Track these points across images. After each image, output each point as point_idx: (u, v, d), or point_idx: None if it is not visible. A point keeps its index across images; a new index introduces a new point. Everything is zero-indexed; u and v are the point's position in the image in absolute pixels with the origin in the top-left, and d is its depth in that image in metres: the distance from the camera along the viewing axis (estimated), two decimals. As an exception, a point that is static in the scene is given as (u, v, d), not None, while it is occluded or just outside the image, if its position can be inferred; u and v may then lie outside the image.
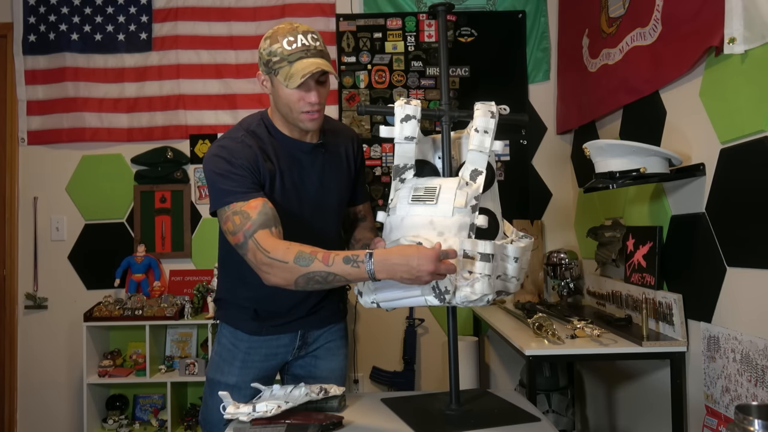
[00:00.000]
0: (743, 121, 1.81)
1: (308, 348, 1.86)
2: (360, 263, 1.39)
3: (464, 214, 1.45)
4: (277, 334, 1.79)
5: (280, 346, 1.81)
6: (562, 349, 2.18)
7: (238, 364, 1.78)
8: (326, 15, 3.51)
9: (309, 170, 1.72)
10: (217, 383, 1.77)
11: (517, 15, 3.50)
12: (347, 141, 1.83)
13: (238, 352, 1.79)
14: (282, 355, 1.83)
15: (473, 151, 1.54)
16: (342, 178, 1.81)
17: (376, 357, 3.39)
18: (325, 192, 1.75)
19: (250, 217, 1.52)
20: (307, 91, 1.58)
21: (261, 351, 1.79)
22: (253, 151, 1.62)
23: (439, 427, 1.52)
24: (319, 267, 1.42)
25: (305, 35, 1.57)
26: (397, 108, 1.56)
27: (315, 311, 1.83)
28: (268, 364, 1.81)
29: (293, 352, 1.84)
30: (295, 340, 1.82)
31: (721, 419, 1.94)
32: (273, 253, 1.46)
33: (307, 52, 1.56)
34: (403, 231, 1.47)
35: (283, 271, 1.46)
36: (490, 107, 1.59)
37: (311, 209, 1.73)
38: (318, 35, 1.60)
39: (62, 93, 3.47)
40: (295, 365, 1.89)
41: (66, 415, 3.45)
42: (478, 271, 1.42)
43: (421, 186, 1.50)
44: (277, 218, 1.55)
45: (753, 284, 1.79)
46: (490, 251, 1.43)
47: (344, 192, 1.83)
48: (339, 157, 1.80)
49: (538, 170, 3.50)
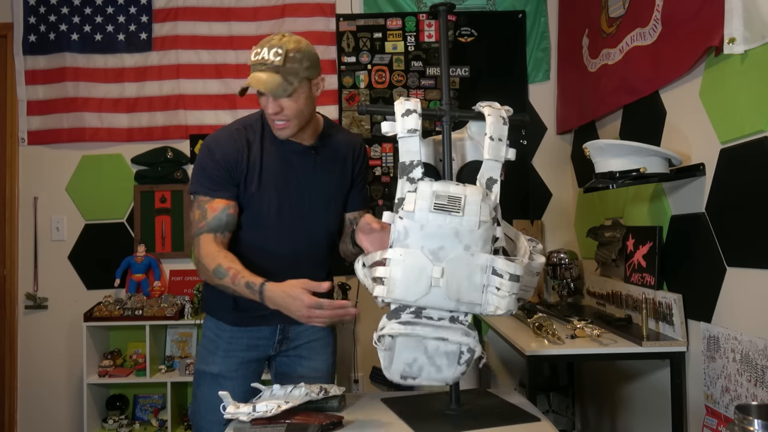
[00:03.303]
0: (743, 121, 1.81)
1: (290, 343, 1.87)
2: (255, 292, 1.60)
3: (487, 227, 1.45)
4: (258, 326, 1.82)
5: (260, 338, 1.84)
6: (562, 349, 2.18)
7: (221, 354, 1.82)
8: (326, 15, 3.51)
9: (296, 171, 1.77)
10: (202, 373, 1.83)
11: (517, 15, 3.50)
12: (349, 147, 1.86)
13: (221, 342, 1.83)
14: (263, 347, 1.85)
15: (489, 160, 1.54)
16: (333, 184, 1.83)
17: (376, 357, 3.37)
18: (311, 194, 1.78)
19: (206, 217, 1.71)
20: (265, 102, 1.66)
21: (242, 341, 1.83)
22: (237, 145, 1.72)
23: (439, 427, 1.52)
24: (228, 282, 1.64)
25: (271, 49, 1.61)
26: (396, 105, 1.55)
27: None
28: (250, 354, 1.84)
29: (275, 345, 1.86)
30: (275, 333, 1.84)
31: (721, 419, 1.94)
32: (204, 258, 1.68)
33: (262, 66, 1.61)
34: (425, 239, 1.43)
35: (206, 275, 1.70)
36: (500, 112, 1.57)
37: (293, 209, 1.77)
38: (285, 51, 1.61)
39: (62, 93, 3.47)
40: (280, 363, 1.90)
41: (66, 415, 3.45)
42: (506, 289, 1.44)
43: (443, 194, 1.44)
44: (230, 224, 1.72)
45: (753, 284, 1.79)
46: (519, 273, 1.45)
47: (335, 198, 1.84)
48: (335, 162, 1.82)
49: (538, 170, 3.50)
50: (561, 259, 3.06)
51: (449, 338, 1.45)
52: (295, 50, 1.63)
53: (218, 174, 1.72)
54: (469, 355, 1.48)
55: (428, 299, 1.44)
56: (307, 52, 1.66)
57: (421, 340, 1.46)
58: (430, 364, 1.48)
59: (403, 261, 1.42)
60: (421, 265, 1.42)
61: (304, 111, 1.69)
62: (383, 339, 1.47)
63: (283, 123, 1.68)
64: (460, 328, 1.48)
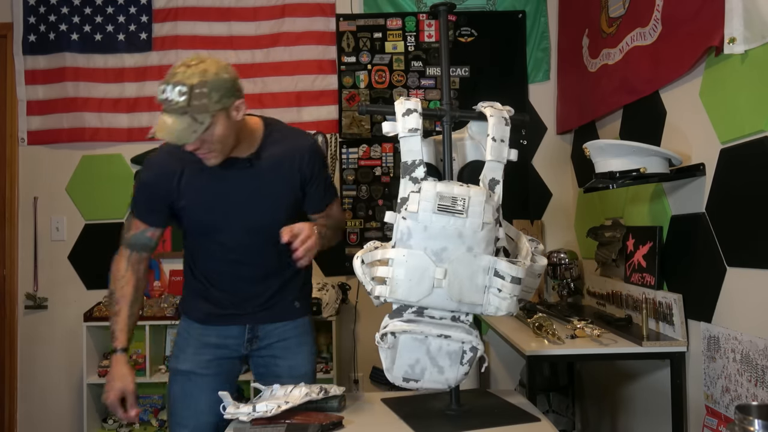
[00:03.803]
0: (743, 121, 1.81)
1: (260, 342, 1.87)
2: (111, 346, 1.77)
3: (490, 229, 1.46)
4: (226, 324, 1.84)
5: (229, 336, 1.84)
6: (562, 349, 2.18)
7: (191, 351, 1.84)
8: (326, 15, 3.51)
9: (233, 184, 1.72)
10: (174, 371, 1.86)
11: (517, 15, 3.50)
12: (294, 153, 1.77)
13: (192, 339, 1.85)
14: (234, 346, 1.85)
15: (492, 161, 1.54)
16: (279, 195, 1.77)
17: (376, 357, 3.37)
18: (256, 207, 1.74)
19: (129, 231, 1.81)
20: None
21: (211, 339, 1.84)
22: (168, 169, 1.73)
23: (439, 427, 1.52)
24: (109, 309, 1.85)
25: (175, 87, 1.52)
26: (397, 105, 1.55)
27: (266, 308, 1.84)
28: (220, 352, 1.84)
29: (245, 344, 1.86)
30: (243, 332, 1.85)
31: (721, 419, 1.94)
32: (112, 272, 1.80)
33: (168, 107, 1.53)
34: (428, 240, 1.43)
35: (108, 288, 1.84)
36: (502, 113, 1.57)
37: (241, 224, 1.75)
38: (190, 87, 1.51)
39: (62, 93, 3.47)
40: (256, 363, 1.91)
41: (66, 415, 3.45)
42: (507, 291, 1.44)
43: (447, 195, 1.44)
44: (146, 246, 1.82)
45: (753, 284, 1.79)
46: (521, 275, 1.45)
47: (283, 207, 1.78)
48: (277, 170, 1.75)
49: (538, 170, 3.50)
50: (561, 259, 3.06)
51: (452, 335, 1.46)
52: (201, 84, 1.52)
53: (143, 199, 1.79)
54: (472, 354, 1.48)
55: (430, 300, 1.44)
56: (216, 82, 1.55)
57: (424, 340, 1.46)
58: (433, 365, 1.48)
59: (406, 262, 1.43)
60: (424, 266, 1.42)
61: (227, 138, 1.61)
62: (386, 337, 1.47)
63: (208, 154, 1.62)
64: (461, 327, 1.48)
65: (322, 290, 3.13)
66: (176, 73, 1.54)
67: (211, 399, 1.70)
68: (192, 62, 1.57)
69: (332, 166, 3.48)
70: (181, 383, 1.83)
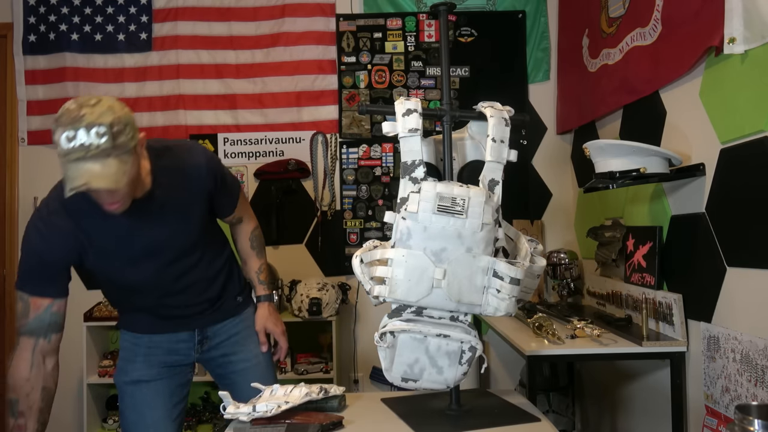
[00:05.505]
0: (743, 121, 1.81)
1: (211, 342, 1.85)
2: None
3: (490, 229, 1.46)
4: (175, 331, 1.81)
5: (179, 341, 1.82)
6: (562, 349, 2.18)
7: (141, 359, 1.80)
8: (326, 15, 3.51)
9: (144, 222, 1.58)
10: (121, 385, 1.80)
11: (517, 15, 3.50)
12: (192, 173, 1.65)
13: (140, 348, 1.80)
14: (184, 351, 1.83)
15: (491, 161, 1.54)
16: (188, 217, 1.66)
17: (376, 357, 3.37)
18: (170, 235, 1.64)
19: (28, 316, 1.57)
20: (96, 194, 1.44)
21: (162, 346, 1.81)
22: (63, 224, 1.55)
23: (439, 427, 1.52)
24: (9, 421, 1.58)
25: (89, 129, 1.33)
26: (397, 105, 1.55)
27: (213, 311, 1.83)
28: (171, 358, 1.82)
29: (195, 347, 1.84)
30: (193, 336, 1.83)
31: (721, 419, 1.94)
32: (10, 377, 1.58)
33: (87, 154, 1.34)
34: (428, 240, 1.43)
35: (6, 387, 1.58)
36: (502, 113, 1.57)
37: (164, 255, 1.65)
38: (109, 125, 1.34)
39: (62, 93, 3.47)
40: (212, 366, 1.90)
41: (66, 415, 3.44)
42: (506, 292, 1.45)
43: (447, 195, 1.44)
44: (55, 324, 1.59)
45: (753, 284, 1.79)
46: (520, 276, 1.45)
47: (195, 226, 1.69)
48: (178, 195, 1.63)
49: (538, 170, 3.50)
50: (561, 259, 3.06)
51: (451, 335, 1.46)
52: (116, 120, 1.36)
53: (38, 270, 1.58)
54: (471, 353, 1.48)
55: (429, 300, 1.44)
56: (126, 117, 1.39)
57: (423, 339, 1.46)
58: (432, 365, 1.48)
59: (405, 262, 1.42)
60: (423, 266, 1.42)
61: (136, 180, 1.47)
62: (385, 337, 1.47)
63: (116, 205, 1.47)
64: (460, 326, 1.48)
65: (322, 290, 3.13)
66: (82, 116, 1.33)
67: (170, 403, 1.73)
68: (90, 102, 1.37)
69: (332, 166, 3.48)
70: (131, 393, 1.78)
